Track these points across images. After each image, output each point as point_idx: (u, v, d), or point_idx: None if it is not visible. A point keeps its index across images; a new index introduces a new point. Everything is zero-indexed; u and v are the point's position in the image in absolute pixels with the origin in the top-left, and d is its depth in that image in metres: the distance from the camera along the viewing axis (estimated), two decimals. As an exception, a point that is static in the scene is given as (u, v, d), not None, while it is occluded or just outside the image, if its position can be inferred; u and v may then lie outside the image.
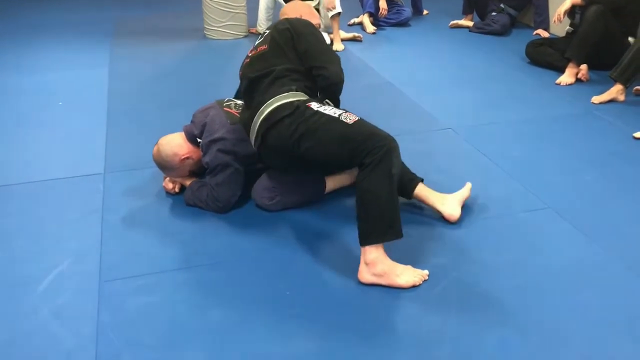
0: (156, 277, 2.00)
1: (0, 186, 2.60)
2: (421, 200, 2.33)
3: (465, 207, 2.34)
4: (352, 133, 1.97)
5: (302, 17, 2.41)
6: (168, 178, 2.51)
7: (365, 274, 1.94)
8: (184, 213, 2.39)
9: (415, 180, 2.33)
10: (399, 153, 1.98)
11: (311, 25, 2.33)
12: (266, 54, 2.26)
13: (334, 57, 2.27)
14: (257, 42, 2.38)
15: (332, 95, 2.27)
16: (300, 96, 2.16)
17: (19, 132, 3.16)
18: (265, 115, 2.12)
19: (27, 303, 1.90)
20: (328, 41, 4.63)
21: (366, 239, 1.93)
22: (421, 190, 2.31)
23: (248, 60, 2.34)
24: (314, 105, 2.09)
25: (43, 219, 2.36)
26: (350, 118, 2.02)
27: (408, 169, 2.35)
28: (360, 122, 2.02)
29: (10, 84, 3.89)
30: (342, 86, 2.25)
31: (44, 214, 2.39)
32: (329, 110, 2.07)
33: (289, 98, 2.13)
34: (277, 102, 2.12)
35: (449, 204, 2.28)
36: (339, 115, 2.03)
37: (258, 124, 2.15)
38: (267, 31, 2.35)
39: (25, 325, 1.80)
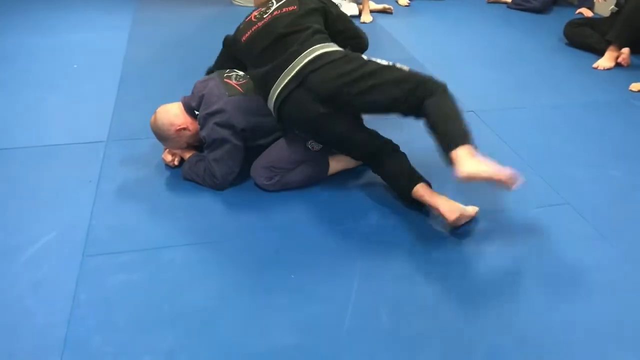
0: (141, 255, 1.93)
1: (0, 149, 2.56)
2: (420, 198, 2.08)
3: (475, 198, 2.18)
4: (409, 76, 2.04)
5: None
6: (168, 150, 2.43)
7: (469, 160, 1.81)
8: (180, 188, 2.30)
9: (417, 179, 2.12)
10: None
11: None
12: (295, 13, 2.20)
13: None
14: (277, 5, 2.25)
15: None
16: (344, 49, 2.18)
17: (28, 94, 3.11)
18: (314, 57, 2.07)
19: (8, 274, 1.85)
20: (356, 12, 4.46)
21: (457, 141, 1.87)
22: (422, 188, 2.10)
23: (269, 18, 2.21)
24: (364, 56, 2.14)
25: (38, 186, 2.31)
26: (404, 67, 2.09)
27: (413, 170, 2.16)
28: (413, 70, 2.09)
29: (29, 44, 3.84)
30: None
31: (39, 181, 2.34)
32: (379, 60, 2.11)
33: (334, 47, 2.15)
34: (324, 48, 2.11)
35: (450, 204, 2.02)
36: (393, 63, 2.10)
37: (300, 66, 2.06)
38: None
39: (0, 297, 1.76)
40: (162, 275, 1.85)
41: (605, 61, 3.54)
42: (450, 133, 1.91)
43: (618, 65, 3.54)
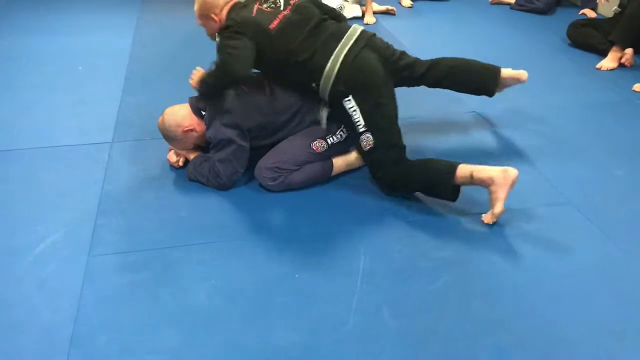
0: (146, 255, 1.94)
1: (5, 150, 2.58)
2: (467, 172, 2.08)
3: (478, 197, 2.19)
4: None
5: None
6: (173, 151, 2.44)
7: (515, 71, 2.54)
8: (184, 188, 2.32)
9: (454, 162, 2.14)
10: None
11: None
12: (312, 2, 2.39)
13: None
14: None
15: None
16: None
17: (33, 96, 3.13)
18: (362, 29, 2.32)
19: (14, 273, 1.86)
20: (359, 13, 4.47)
21: (493, 74, 2.52)
22: (465, 165, 2.11)
23: (291, 7, 2.28)
24: None
25: (44, 186, 2.32)
26: None
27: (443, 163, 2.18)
28: None
29: (34, 46, 3.86)
30: None
31: (45, 181, 2.36)
32: None
33: None
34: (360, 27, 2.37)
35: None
36: None
37: (360, 32, 2.29)
38: None
39: (7, 296, 1.77)
40: (167, 275, 1.86)
41: (609, 62, 3.54)
42: (484, 72, 2.54)
43: (621, 65, 3.54)
